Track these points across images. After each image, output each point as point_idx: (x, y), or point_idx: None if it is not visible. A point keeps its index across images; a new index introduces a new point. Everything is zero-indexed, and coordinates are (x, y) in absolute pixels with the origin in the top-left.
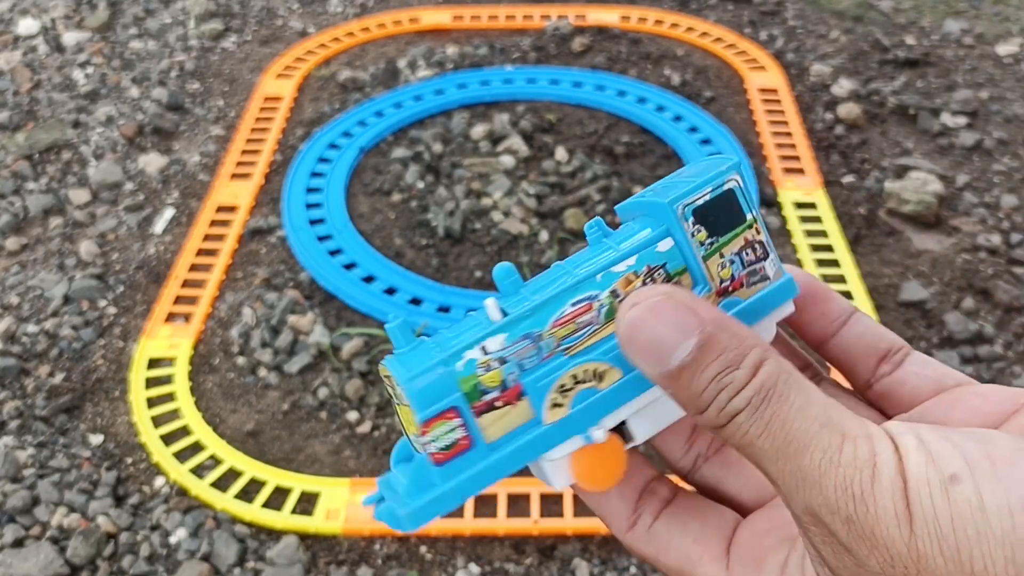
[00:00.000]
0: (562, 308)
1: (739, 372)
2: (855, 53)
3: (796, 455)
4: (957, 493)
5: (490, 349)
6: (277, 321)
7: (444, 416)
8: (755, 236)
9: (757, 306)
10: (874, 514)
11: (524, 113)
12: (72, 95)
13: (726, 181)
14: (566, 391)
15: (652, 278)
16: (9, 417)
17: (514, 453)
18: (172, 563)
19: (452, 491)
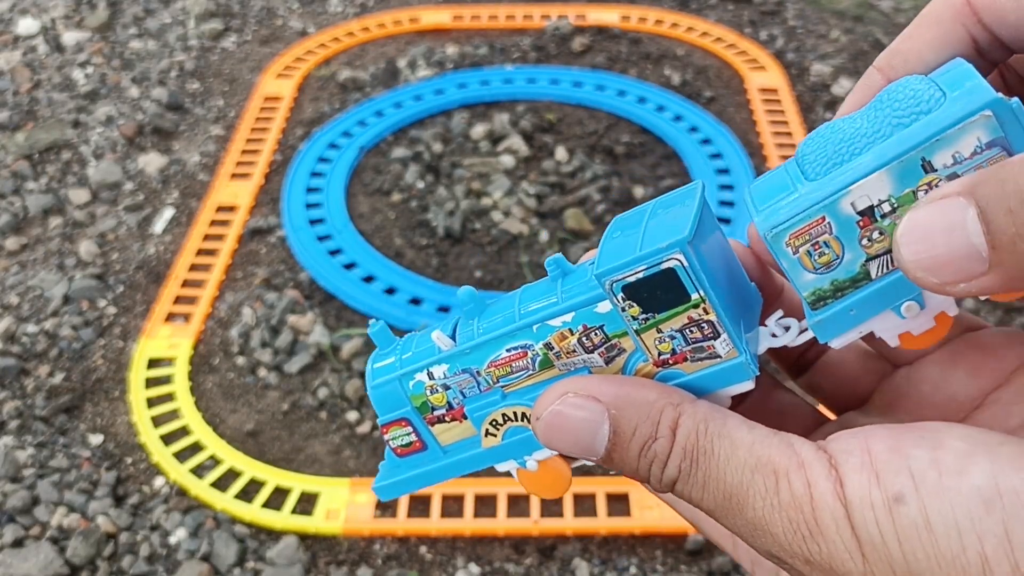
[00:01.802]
0: (498, 351)
1: (659, 443)
2: (855, 53)
3: (739, 509)
4: (902, 514)
5: (435, 375)
6: (277, 321)
7: (398, 423)
8: (702, 315)
9: (701, 383)
10: (827, 550)
11: (524, 113)
12: (72, 95)
13: (663, 260)
14: (497, 425)
15: (588, 338)
16: (9, 417)
17: (462, 461)
18: (172, 563)
19: (411, 479)
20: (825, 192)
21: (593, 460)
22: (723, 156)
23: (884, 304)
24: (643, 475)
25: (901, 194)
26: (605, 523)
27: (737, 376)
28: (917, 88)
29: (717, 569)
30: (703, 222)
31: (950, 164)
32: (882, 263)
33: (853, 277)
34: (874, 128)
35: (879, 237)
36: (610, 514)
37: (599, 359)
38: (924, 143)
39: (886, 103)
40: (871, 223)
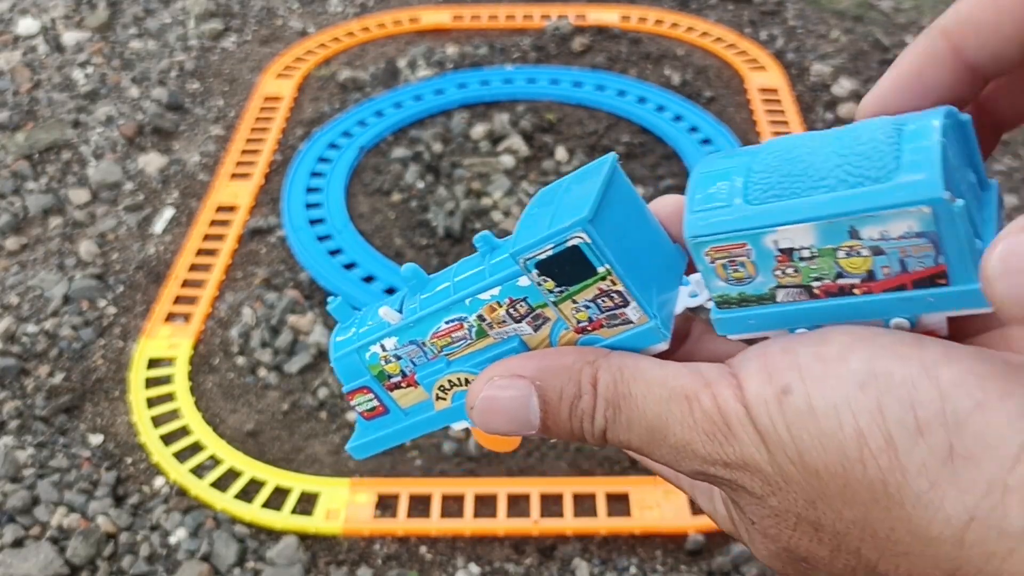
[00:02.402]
0: (437, 324)
1: (584, 399)
2: (855, 53)
3: (663, 438)
4: (789, 404)
5: (387, 347)
6: (277, 321)
7: (361, 391)
8: (610, 286)
9: (619, 346)
10: (739, 449)
11: (524, 113)
12: (72, 95)
13: (568, 239)
14: (445, 390)
15: (515, 309)
16: (9, 417)
17: (421, 422)
18: (172, 563)
19: (380, 439)
20: (753, 224)
21: (532, 433)
22: None
23: (783, 325)
24: (577, 434)
25: (823, 247)
26: (605, 523)
27: (650, 339)
28: (879, 144)
29: (717, 569)
30: (614, 195)
31: (876, 238)
32: (790, 293)
33: (760, 296)
34: (824, 171)
35: (793, 273)
36: (610, 514)
37: (528, 328)
38: (858, 214)
39: (847, 145)
40: (788, 261)
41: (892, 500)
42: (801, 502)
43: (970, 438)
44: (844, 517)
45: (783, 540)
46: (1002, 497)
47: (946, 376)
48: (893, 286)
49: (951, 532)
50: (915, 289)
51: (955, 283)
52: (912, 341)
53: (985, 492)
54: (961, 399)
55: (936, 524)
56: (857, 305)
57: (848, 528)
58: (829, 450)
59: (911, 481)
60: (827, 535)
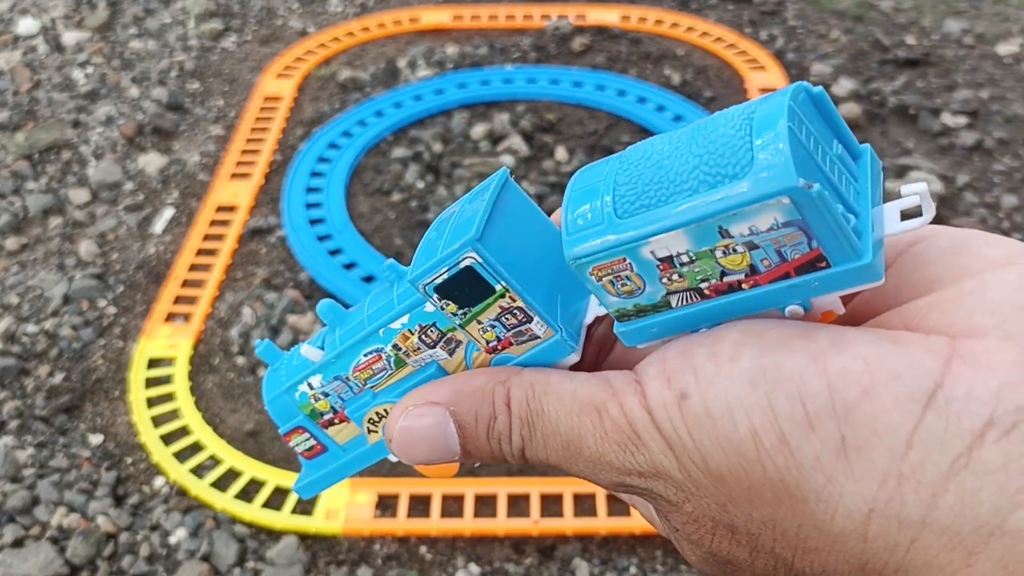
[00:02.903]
0: (356, 358)
1: (499, 420)
2: (855, 53)
3: (578, 452)
4: (687, 408)
5: (314, 385)
6: (277, 321)
7: (296, 432)
8: (511, 303)
9: (531, 362)
10: (649, 457)
11: (524, 113)
12: (72, 95)
13: (460, 260)
14: (375, 423)
15: (427, 334)
16: (9, 417)
17: (360, 456)
18: (172, 563)
19: (322, 477)
20: (626, 238)
21: (455, 460)
22: None
23: (686, 328)
24: (498, 455)
25: (699, 250)
26: (605, 523)
27: (559, 352)
28: (731, 138)
29: None
30: (505, 210)
31: (747, 234)
32: (682, 297)
33: (655, 304)
34: (684, 174)
35: (678, 278)
36: (610, 514)
37: (443, 352)
38: (722, 214)
39: (701, 143)
40: (670, 267)
41: (794, 498)
42: (713, 506)
43: (860, 427)
44: (754, 518)
45: (705, 544)
46: (898, 486)
47: (834, 365)
48: (778, 276)
49: (853, 526)
50: (799, 276)
51: (836, 264)
52: (801, 332)
53: (881, 482)
54: (849, 387)
55: (838, 519)
56: (749, 299)
57: (760, 529)
58: (729, 453)
59: (808, 477)
60: (743, 537)
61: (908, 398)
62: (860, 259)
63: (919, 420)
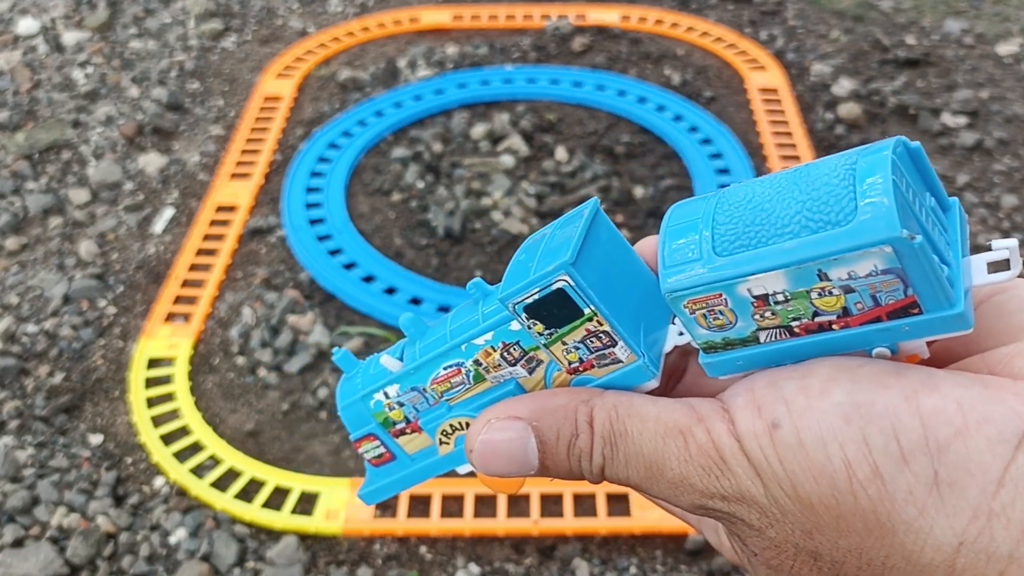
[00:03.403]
0: (436, 371)
1: (581, 438)
2: (855, 53)
3: (660, 473)
4: (779, 437)
5: (390, 395)
6: (277, 321)
7: (367, 439)
8: (598, 327)
9: (611, 385)
10: (735, 482)
11: (524, 113)
12: (72, 95)
13: (553, 282)
14: (447, 435)
15: (509, 352)
16: (9, 417)
17: (428, 467)
18: (172, 563)
19: (388, 485)
20: (725, 275)
21: (532, 474)
22: (723, 156)
23: (771, 363)
24: (576, 473)
25: (795, 291)
26: (605, 523)
27: (640, 377)
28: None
29: (717, 569)
30: (596, 238)
31: (844, 278)
32: (772, 333)
33: (744, 338)
34: (786, 217)
35: (771, 316)
36: (610, 514)
37: (522, 370)
38: (823, 258)
39: (804, 190)
40: (764, 305)
41: (884, 528)
42: (798, 533)
43: (953, 465)
44: (840, 546)
45: (785, 570)
46: (988, 522)
47: (927, 404)
48: (869, 319)
49: (942, 558)
50: (891, 320)
51: (928, 311)
52: (893, 370)
53: (971, 518)
54: (941, 427)
55: (927, 550)
56: (838, 339)
57: (845, 557)
58: (821, 482)
59: (900, 509)
60: (826, 564)
61: (999, 440)
62: (953, 308)
63: (1010, 461)
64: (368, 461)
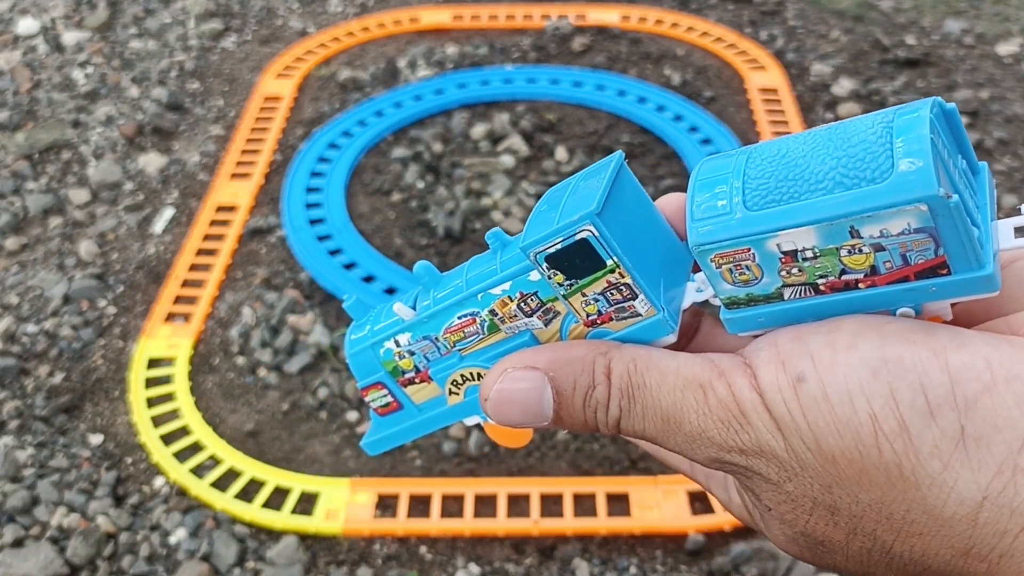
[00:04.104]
0: (450, 320)
1: (598, 389)
2: (855, 53)
3: (678, 426)
4: (804, 391)
5: (401, 343)
6: (277, 321)
7: (375, 387)
8: (619, 279)
9: (628, 339)
10: (755, 436)
11: (524, 113)
12: (72, 95)
13: (577, 232)
14: (458, 384)
15: (526, 303)
16: (9, 417)
17: (435, 417)
18: (172, 563)
19: (394, 435)
20: (755, 229)
21: (544, 425)
22: None
23: (793, 321)
24: (591, 424)
25: (825, 247)
26: (605, 523)
27: (659, 331)
28: (871, 144)
29: (717, 569)
30: (621, 191)
31: (876, 236)
32: (797, 291)
33: (768, 295)
34: (820, 173)
35: (797, 272)
36: (610, 514)
37: (538, 322)
38: (857, 215)
39: (840, 146)
40: (792, 262)
41: (907, 483)
42: (817, 487)
43: (980, 420)
44: (860, 501)
45: (800, 525)
46: (1012, 477)
47: (955, 360)
48: (896, 278)
49: (965, 512)
50: (918, 280)
51: (957, 272)
52: (920, 328)
53: (996, 472)
54: (970, 382)
55: (950, 504)
56: (863, 298)
57: (864, 511)
58: (845, 436)
59: (925, 462)
60: (843, 519)
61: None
62: (982, 269)
63: None
64: (374, 410)
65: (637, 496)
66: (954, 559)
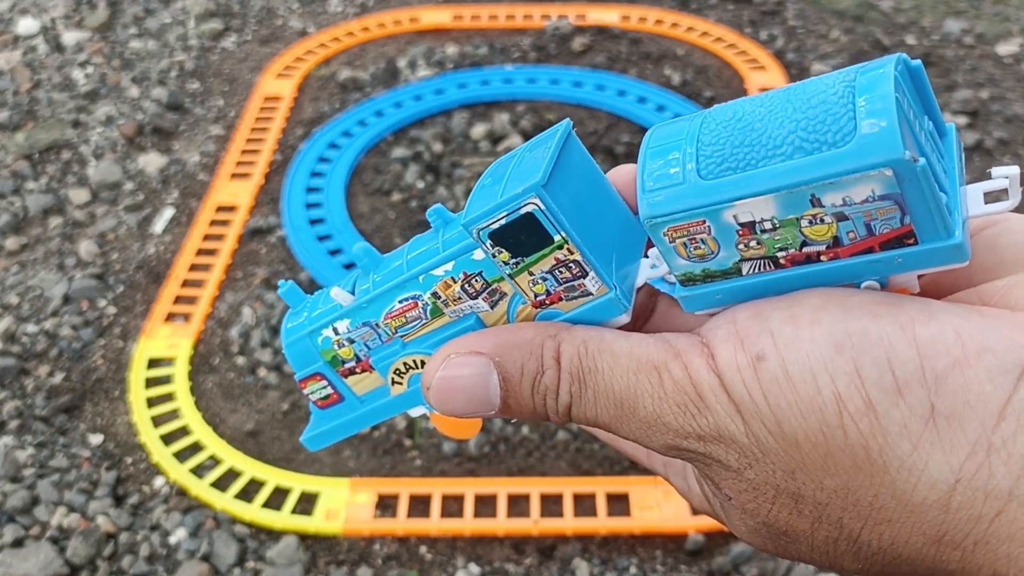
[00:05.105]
0: (391, 304)
1: (547, 374)
2: (855, 53)
3: (632, 412)
4: (764, 370)
5: (340, 331)
6: (277, 321)
7: (313, 379)
8: (568, 256)
9: (578, 320)
10: (713, 420)
11: (524, 113)
12: (72, 95)
13: (521, 205)
14: (401, 373)
15: (470, 284)
16: (9, 417)
17: (378, 408)
18: (172, 563)
19: (335, 429)
20: (710, 200)
21: (491, 414)
22: None
23: (751, 297)
24: (540, 412)
25: (785, 218)
26: (605, 523)
27: (611, 311)
28: (832, 104)
29: (717, 569)
30: (569, 162)
31: (839, 205)
32: (755, 265)
33: (725, 270)
34: (778, 138)
35: (756, 245)
36: (610, 514)
37: (484, 304)
38: (818, 182)
39: (799, 108)
40: (750, 234)
41: (875, 465)
42: (780, 473)
43: (951, 397)
44: (825, 487)
45: (762, 514)
46: (987, 457)
47: (923, 334)
48: (860, 250)
49: (936, 496)
50: (883, 251)
51: (924, 241)
52: (886, 300)
53: (970, 453)
54: (939, 356)
55: (921, 488)
56: (825, 271)
57: (829, 498)
58: (808, 417)
59: (893, 444)
60: (807, 506)
61: (1000, 370)
62: (951, 238)
63: (1012, 392)
64: (314, 403)
65: (637, 496)
66: (925, 547)
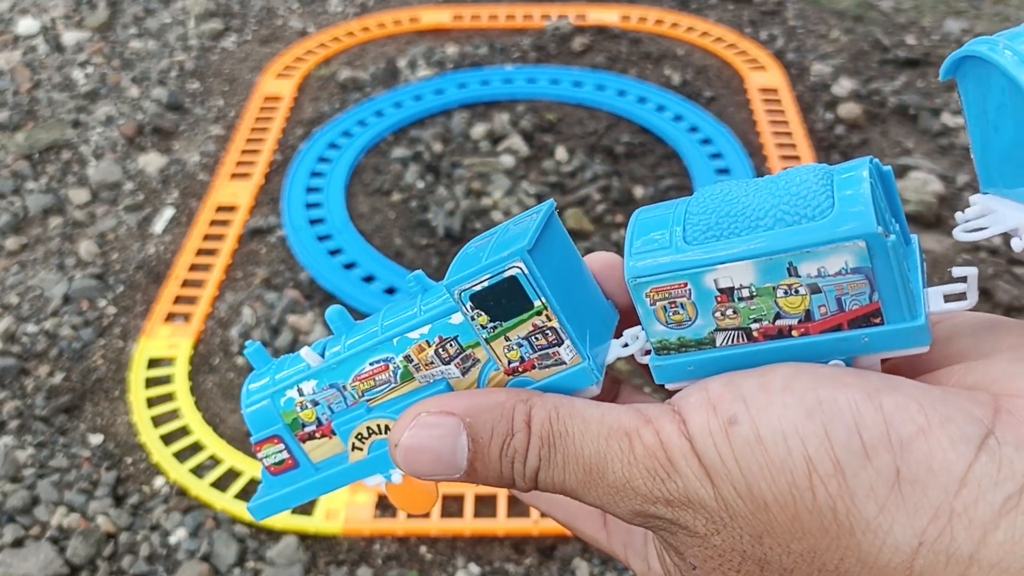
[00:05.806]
0: (361, 366)
1: (517, 437)
2: (855, 53)
3: (601, 476)
4: (736, 434)
5: (304, 391)
6: (277, 321)
7: (271, 441)
8: (545, 322)
9: (549, 389)
10: (682, 484)
11: (524, 113)
12: (72, 95)
13: (507, 268)
14: (363, 439)
15: (444, 349)
16: (9, 417)
17: (332, 476)
18: (172, 563)
19: (284, 496)
20: (693, 263)
21: (456, 477)
22: (723, 156)
23: (722, 369)
24: (507, 476)
25: (762, 286)
26: None
27: (583, 380)
28: (812, 186)
29: None
30: (551, 238)
31: (814, 275)
32: (729, 336)
33: (699, 340)
34: (761, 211)
35: (732, 314)
36: None
37: (455, 370)
38: (795, 250)
39: (781, 188)
40: (728, 301)
41: (841, 528)
42: (747, 538)
43: (915, 462)
44: (792, 550)
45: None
46: (949, 522)
47: (888, 402)
48: (830, 326)
49: (900, 560)
50: (851, 329)
51: (890, 321)
52: (853, 372)
53: (932, 517)
54: (904, 424)
55: (885, 551)
56: (795, 347)
57: (796, 563)
58: (779, 479)
59: (860, 506)
60: (773, 572)
61: (962, 439)
62: (914, 320)
63: (972, 460)
64: (266, 468)
65: None
66: None
